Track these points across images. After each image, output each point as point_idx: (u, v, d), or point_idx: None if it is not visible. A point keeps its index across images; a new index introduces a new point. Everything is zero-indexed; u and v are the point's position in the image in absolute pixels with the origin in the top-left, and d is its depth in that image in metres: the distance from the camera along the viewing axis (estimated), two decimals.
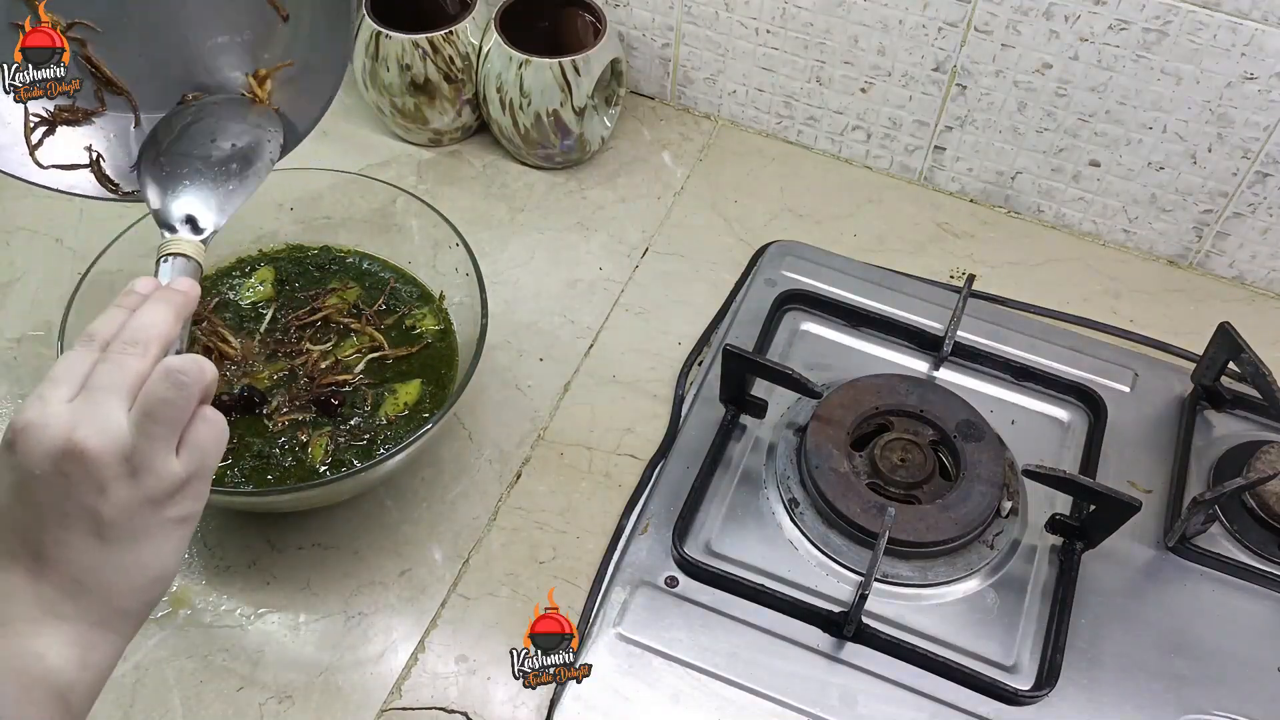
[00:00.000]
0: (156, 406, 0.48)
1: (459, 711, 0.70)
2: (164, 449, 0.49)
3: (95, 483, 0.47)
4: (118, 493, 0.48)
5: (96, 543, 0.48)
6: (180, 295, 0.55)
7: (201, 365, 0.50)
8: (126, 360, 0.50)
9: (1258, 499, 0.78)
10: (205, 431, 0.51)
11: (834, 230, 0.98)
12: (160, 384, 0.49)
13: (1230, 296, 0.96)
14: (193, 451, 0.50)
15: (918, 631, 0.73)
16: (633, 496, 0.80)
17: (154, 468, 0.48)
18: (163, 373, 0.49)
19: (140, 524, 0.49)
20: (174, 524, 0.50)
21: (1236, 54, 0.83)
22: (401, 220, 0.85)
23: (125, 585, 0.49)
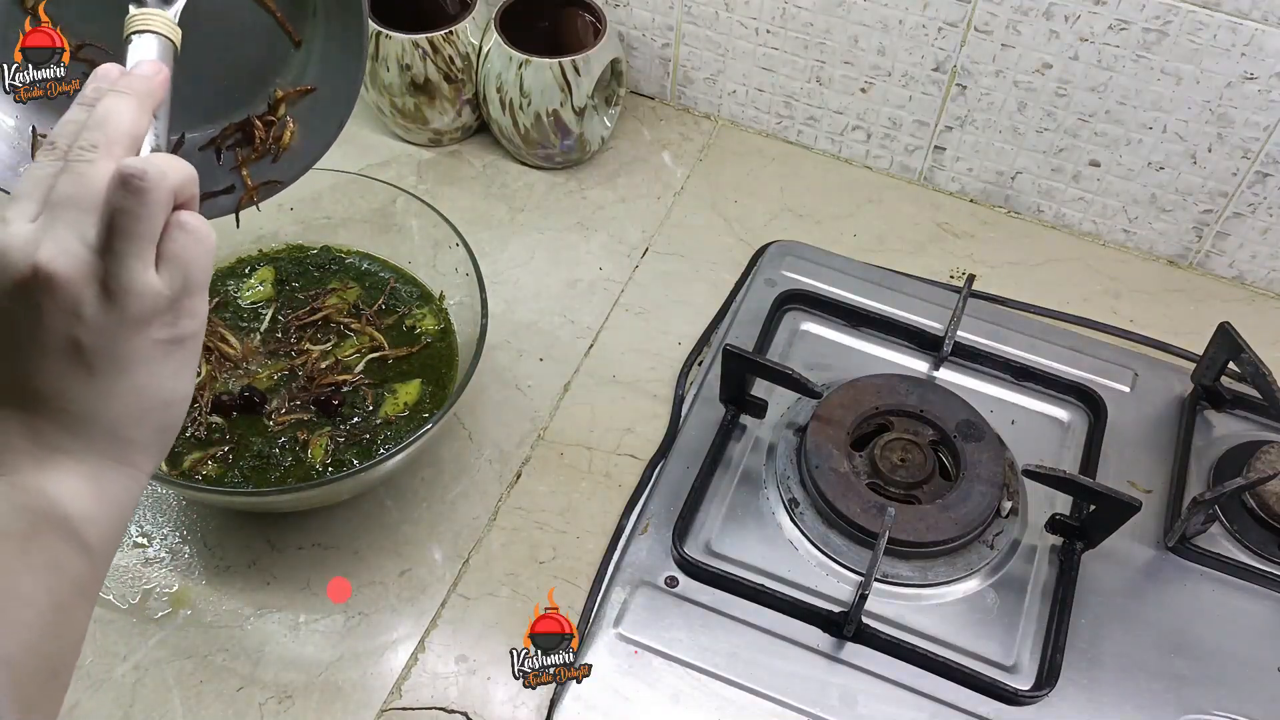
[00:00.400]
0: (117, 218, 0.44)
1: (459, 711, 0.70)
2: (137, 265, 0.44)
3: (68, 308, 0.43)
4: (94, 317, 0.44)
5: (83, 371, 0.45)
6: (143, 80, 0.48)
7: (164, 165, 0.45)
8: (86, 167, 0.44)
9: (1258, 499, 0.78)
10: (184, 240, 0.46)
11: (834, 230, 0.98)
12: (116, 192, 0.44)
13: (1230, 296, 0.96)
14: (173, 265, 0.45)
15: (918, 631, 0.73)
16: (633, 496, 0.80)
17: (130, 287, 0.44)
18: (117, 180, 0.44)
19: (127, 348, 0.45)
20: (166, 345, 0.46)
21: (1236, 54, 0.83)
22: (401, 220, 0.85)
23: (125, 413, 0.46)
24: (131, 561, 0.75)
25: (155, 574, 0.75)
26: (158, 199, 0.44)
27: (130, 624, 0.73)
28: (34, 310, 0.43)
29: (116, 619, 0.73)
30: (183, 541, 0.77)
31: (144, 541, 0.76)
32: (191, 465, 0.75)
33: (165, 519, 0.78)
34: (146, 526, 0.77)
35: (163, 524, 0.77)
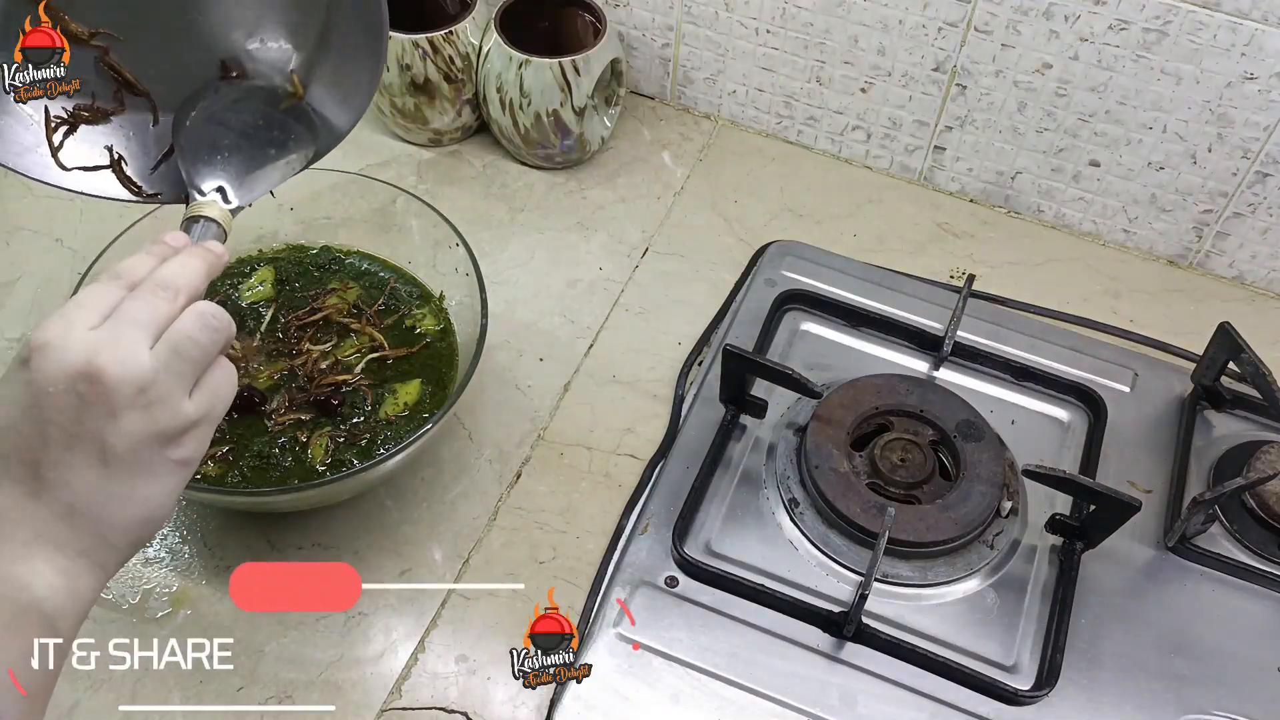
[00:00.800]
0: (184, 344, 0.49)
1: (459, 711, 0.70)
2: (182, 387, 0.49)
3: (108, 408, 0.47)
4: (129, 422, 0.47)
5: (99, 470, 0.48)
6: (212, 254, 0.55)
7: (229, 317, 0.51)
8: (156, 300, 0.50)
9: (1258, 499, 0.78)
10: (221, 378, 0.51)
11: (834, 230, 0.98)
12: (193, 322, 0.50)
13: (1230, 296, 0.96)
14: (206, 395, 0.50)
15: (918, 631, 0.73)
16: (633, 496, 0.80)
17: (169, 403, 0.49)
18: (195, 314, 0.50)
19: (145, 458, 0.48)
20: (176, 465, 0.50)
21: (1236, 54, 0.83)
22: (401, 220, 0.85)
23: (119, 518, 0.49)
24: (132, 561, 0.75)
25: (155, 574, 0.75)
26: (221, 339, 0.51)
27: (130, 624, 0.73)
28: (76, 402, 0.47)
29: (117, 619, 0.73)
30: (183, 541, 0.77)
31: None
32: None
33: None
34: None
35: None
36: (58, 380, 0.47)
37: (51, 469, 0.48)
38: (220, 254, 0.56)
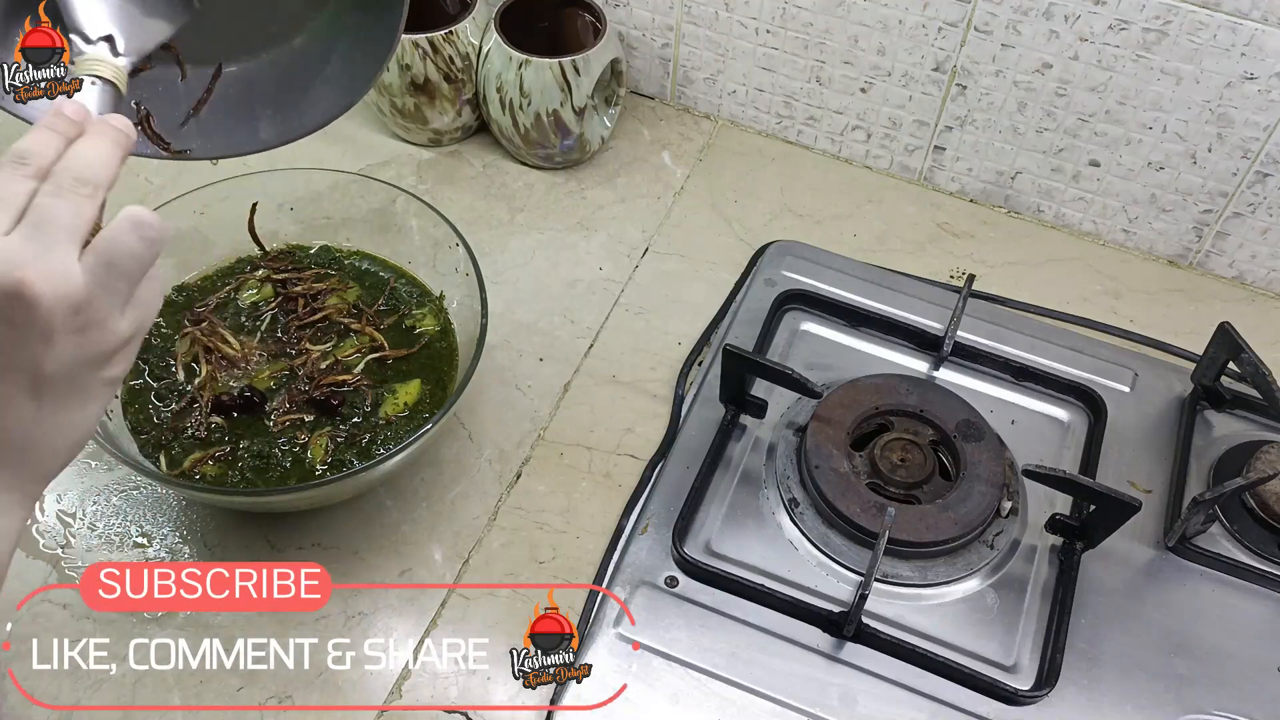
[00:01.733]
0: (121, 258, 0.44)
1: (459, 711, 0.70)
2: (117, 305, 0.45)
3: (41, 334, 0.42)
4: (63, 347, 0.43)
5: (31, 401, 0.44)
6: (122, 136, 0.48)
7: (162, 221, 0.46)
8: (79, 200, 0.44)
9: (1258, 499, 0.78)
10: (151, 289, 0.47)
11: (834, 230, 0.98)
12: (128, 235, 0.44)
13: (1230, 296, 0.96)
14: (139, 310, 0.46)
15: (918, 631, 0.73)
16: (633, 496, 0.80)
17: (105, 324, 0.44)
18: (131, 223, 0.44)
19: (79, 383, 0.45)
20: (106, 384, 0.46)
21: (1236, 54, 0.83)
22: (401, 220, 0.85)
23: (52, 447, 0.46)
24: (132, 561, 0.75)
25: None
26: (158, 250, 0.46)
27: (130, 624, 0.73)
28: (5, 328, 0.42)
29: (116, 619, 0.73)
30: (183, 541, 0.77)
31: (144, 541, 0.76)
32: (191, 465, 0.75)
33: (165, 519, 0.78)
34: (146, 526, 0.77)
35: (163, 524, 0.77)
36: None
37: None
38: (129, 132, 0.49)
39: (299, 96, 0.67)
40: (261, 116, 0.67)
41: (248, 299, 0.84)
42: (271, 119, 0.67)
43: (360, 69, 0.67)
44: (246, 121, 0.67)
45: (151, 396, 0.78)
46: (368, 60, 0.67)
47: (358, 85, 0.67)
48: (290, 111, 0.68)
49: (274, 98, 0.67)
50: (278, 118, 0.68)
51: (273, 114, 0.67)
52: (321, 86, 0.68)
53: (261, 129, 0.67)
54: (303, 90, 0.68)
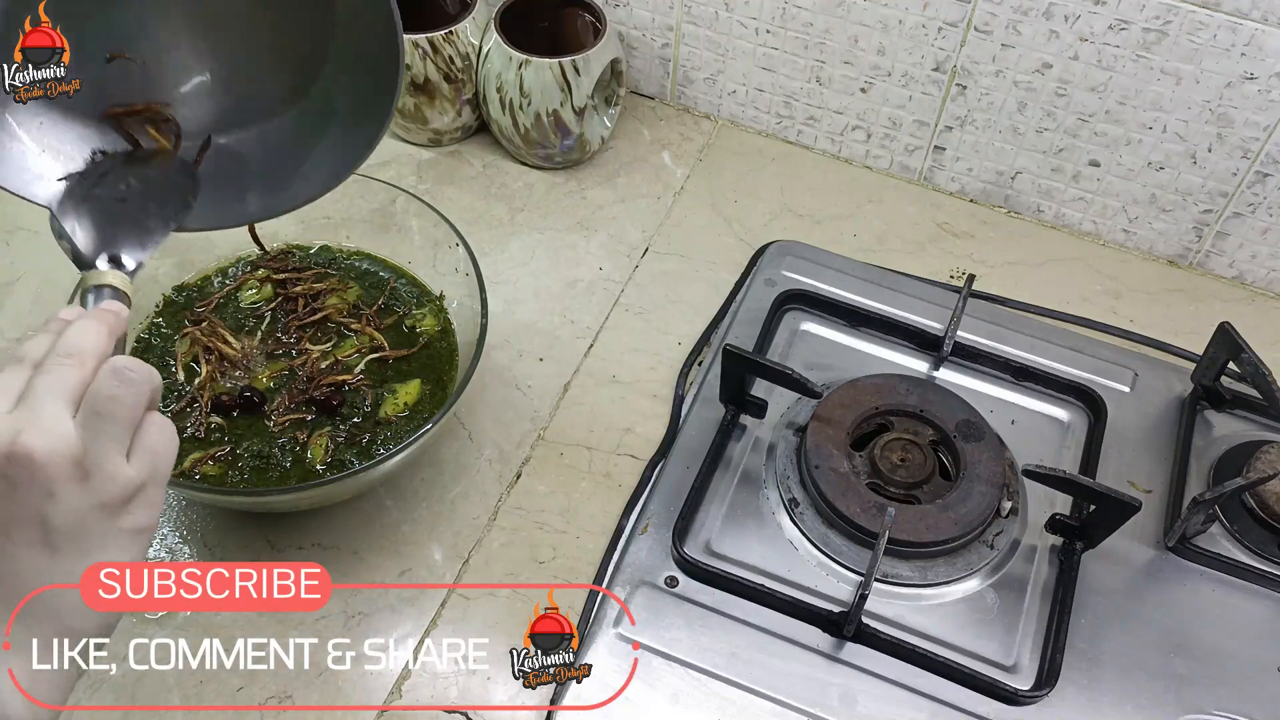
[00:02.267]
0: (105, 404, 0.46)
1: (459, 711, 0.70)
2: (115, 450, 0.46)
3: (43, 487, 0.44)
4: (68, 497, 0.45)
5: (46, 554, 0.45)
6: (110, 313, 0.52)
7: (148, 367, 0.48)
8: (64, 370, 0.47)
9: (1258, 499, 0.78)
10: (156, 435, 0.48)
11: (834, 230, 0.98)
12: (108, 381, 0.47)
13: (1230, 296, 0.96)
14: (144, 455, 0.48)
15: (918, 631, 0.73)
16: (633, 496, 0.80)
17: (106, 469, 0.46)
18: (110, 370, 0.47)
19: (93, 532, 0.46)
20: (128, 535, 0.47)
21: (1236, 54, 0.83)
22: (401, 220, 0.85)
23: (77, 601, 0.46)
24: None
25: None
26: (142, 392, 0.47)
27: (130, 624, 0.73)
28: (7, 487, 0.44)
29: None
30: (183, 541, 0.77)
31: None
32: (191, 465, 0.75)
33: (165, 519, 0.78)
34: None
35: (163, 524, 0.77)
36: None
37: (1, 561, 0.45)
38: (119, 312, 0.53)
39: (289, 171, 0.68)
40: (251, 189, 0.68)
41: (248, 299, 0.84)
42: (261, 193, 0.68)
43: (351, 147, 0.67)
44: (235, 194, 0.67)
45: None
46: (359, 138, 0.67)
47: (348, 162, 0.68)
48: (280, 186, 0.68)
49: (264, 172, 0.67)
50: (267, 192, 0.68)
51: (262, 188, 0.68)
52: (312, 162, 0.68)
53: (250, 202, 0.67)
54: (293, 166, 0.68)
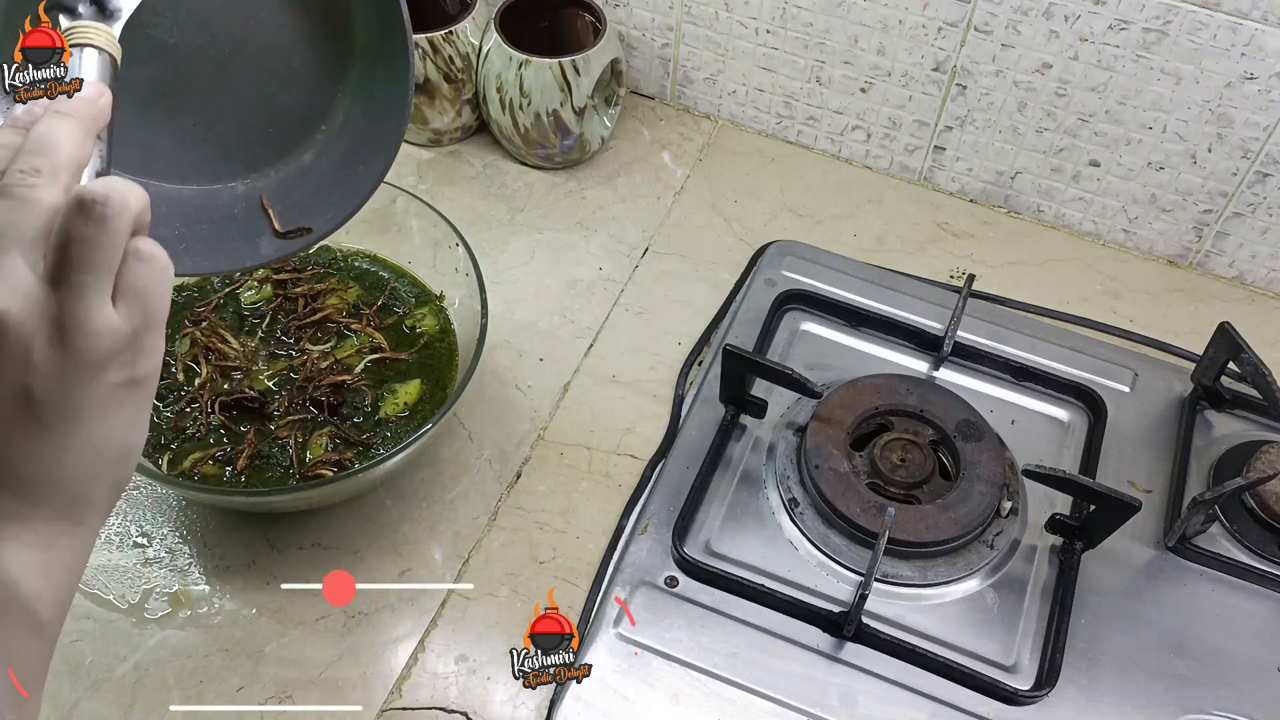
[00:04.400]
0: (76, 249, 0.39)
1: (459, 711, 0.70)
2: (95, 300, 0.40)
3: (17, 354, 0.39)
4: (47, 362, 0.39)
5: (32, 424, 0.40)
6: (86, 103, 0.44)
7: (125, 190, 0.41)
8: (30, 194, 0.40)
9: (1258, 499, 0.78)
10: (143, 272, 0.41)
11: (834, 230, 0.98)
12: (75, 220, 0.39)
13: (1230, 296, 0.96)
14: (132, 299, 0.41)
15: (918, 631, 0.73)
16: (633, 496, 0.80)
17: (86, 325, 0.40)
18: (75, 205, 0.39)
19: (81, 395, 0.40)
20: (124, 389, 0.42)
21: (1236, 54, 0.83)
22: (401, 220, 0.85)
23: (78, 470, 0.42)
24: (131, 561, 0.75)
25: (155, 574, 0.75)
26: (119, 226, 0.40)
27: (130, 624, 0.73)
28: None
29: (116, 619, 0.73)
30: (183, 541, 0.77)
31: (144, 541, 0.76)
32: (191, 465, 0.75)
33: (165, 519, 0.78)
34: (146, 526, 0.77)
35: (162, 524, 0.77)
36: None
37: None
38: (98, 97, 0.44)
39: (305, 209, 0.67)
40: (265, 233, 0.66)
41: (248, 299, 0.84)
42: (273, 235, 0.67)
43: (360, 179, 0.67)
44: (250, 239, 0.66)
45: None
46: (368, 170, 0.67)
47: (357, 196, 0.67)
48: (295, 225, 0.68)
49: (280, 213, 0.67)
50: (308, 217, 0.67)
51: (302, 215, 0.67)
52: (327, 196, 0.67)
53: (264, 246, 0.66)
54: (309, 202, 0.67)
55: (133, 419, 0.43)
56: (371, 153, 0.67)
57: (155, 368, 0.43)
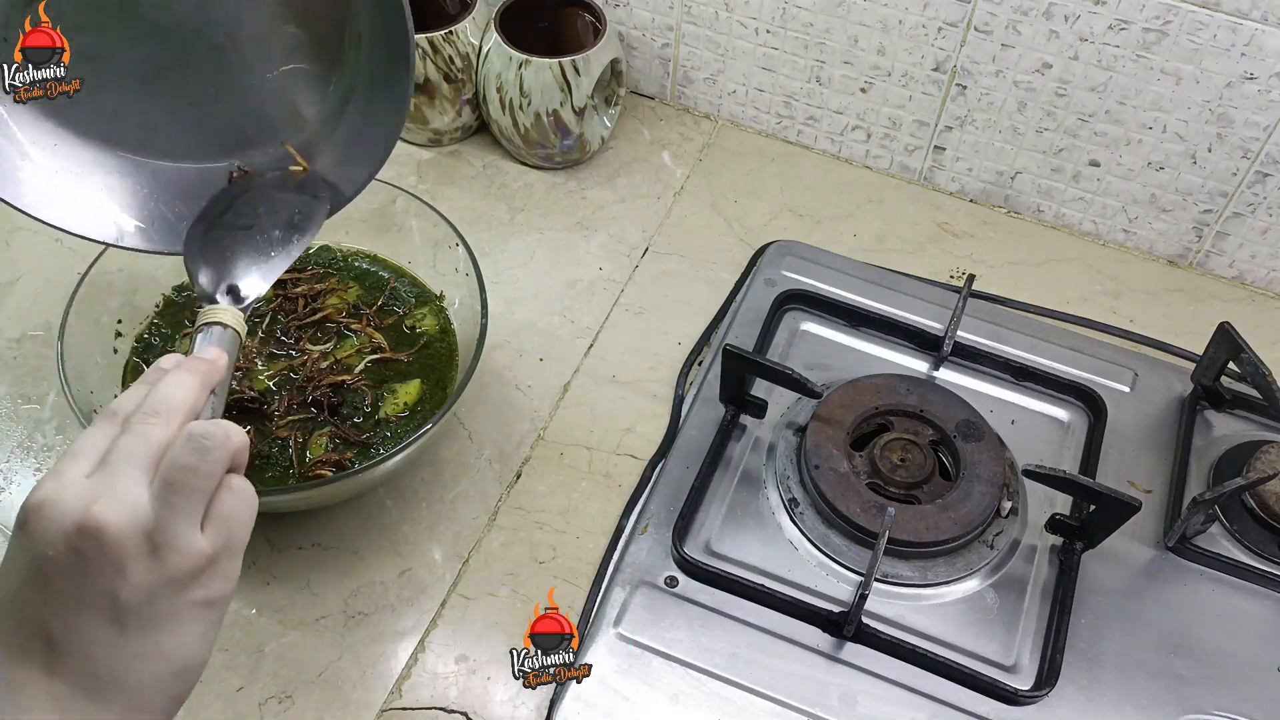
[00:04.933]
0: (178, 474, 0.45)
1: (459, 711, 0.70)
2: (188, 523, 0.45)
3: (113, 562, 0.43)
4: (137, 573, 0.44)
5: (114, 630, 0.44)
6: (205, 363, 0.52)
7: (228, 430, 0.47)
8: (148, 430, 0.46)
9: (1258, 499, 0.78)
10: (233, 503, 0.47)
11: (834, 230, 0.98)
12: (182, 450, 0.46)
13: (1230, 296, 0.96)
14: (219, 525, 0.46)
15: (918, 631, 0.73)
16: (633, 496, 0.80)
17: (177, 544, 0.44)
18: (185, 438, 0.46)
19: (162, 608, 0.44)
20: (200, 607, 0.46)
21: (1236, 54, 0.83)
22: (401, 220, 0.85)
23: (147, 678, 0.45)
24: None
25: None
26: (219, 458, 0.46)
27: None
28: (78, 561, 0.43)
29: None
30: None
31: None
32: None
33: None
34: None
35: None
36: (56, 540, 0.43)
37: (64, 637, 0.44)
38: (215, 359, 0.53)
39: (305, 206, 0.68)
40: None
41: None
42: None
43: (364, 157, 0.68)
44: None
45: None
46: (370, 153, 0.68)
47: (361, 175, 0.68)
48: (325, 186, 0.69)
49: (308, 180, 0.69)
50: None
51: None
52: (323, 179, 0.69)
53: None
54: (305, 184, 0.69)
55: (202, 637, 0.46)
56: (371, 135, 0.68)
57: (228, 592, 0.47)
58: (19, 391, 0.84)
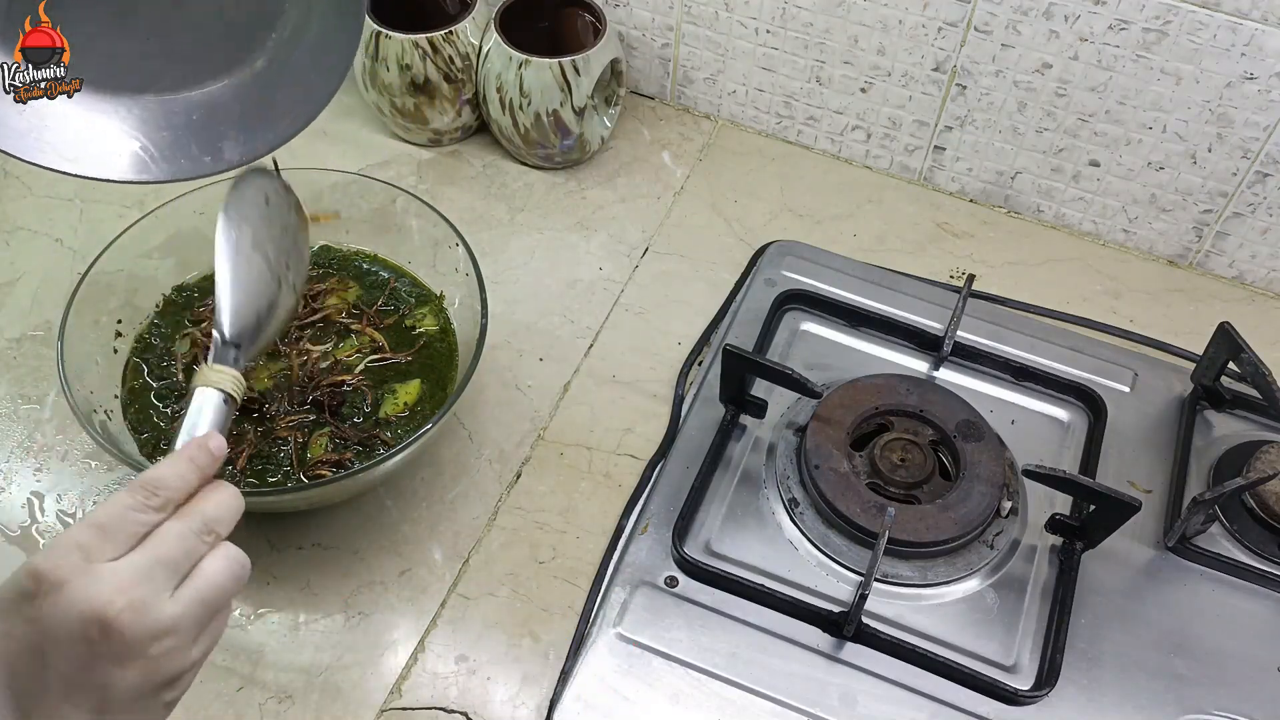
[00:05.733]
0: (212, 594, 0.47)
1: (459, 711, 0.70)
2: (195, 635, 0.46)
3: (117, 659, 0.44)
4: (135, 673, 0.44)
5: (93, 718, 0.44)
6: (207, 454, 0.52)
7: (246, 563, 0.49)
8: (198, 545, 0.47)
9: (1258, 499, 0.78)
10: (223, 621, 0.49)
11: (834, 230, 0.98)
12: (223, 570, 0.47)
13: (1230, 296, 0.96)
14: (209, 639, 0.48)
15: (918, 631, 0.73)
16: (633, 496, 0.80)
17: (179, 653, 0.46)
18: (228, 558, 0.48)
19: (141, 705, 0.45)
20: (165, 707, 0.47)
21: (1236, 54, 0.83)
22: (401, 220, 0.85)
23: None
24: None
25: None
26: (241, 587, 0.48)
27: None
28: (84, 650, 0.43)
29: None
30: None
31: None
32: None
33: None
34: None
35: None
36: (70, 625, 0.43)
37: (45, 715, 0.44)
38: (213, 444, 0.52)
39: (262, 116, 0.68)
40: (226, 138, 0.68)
41: None
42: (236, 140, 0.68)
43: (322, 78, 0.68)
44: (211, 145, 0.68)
45: (151, 396, 0.78)
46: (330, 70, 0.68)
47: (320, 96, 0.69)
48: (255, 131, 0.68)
49: (238, 120, 0.68)
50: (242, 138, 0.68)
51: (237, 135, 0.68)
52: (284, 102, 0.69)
53: (226, 151, 0.68)
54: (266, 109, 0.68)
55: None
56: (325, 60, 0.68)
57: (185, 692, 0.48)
58: (19, 391, 0.84)
